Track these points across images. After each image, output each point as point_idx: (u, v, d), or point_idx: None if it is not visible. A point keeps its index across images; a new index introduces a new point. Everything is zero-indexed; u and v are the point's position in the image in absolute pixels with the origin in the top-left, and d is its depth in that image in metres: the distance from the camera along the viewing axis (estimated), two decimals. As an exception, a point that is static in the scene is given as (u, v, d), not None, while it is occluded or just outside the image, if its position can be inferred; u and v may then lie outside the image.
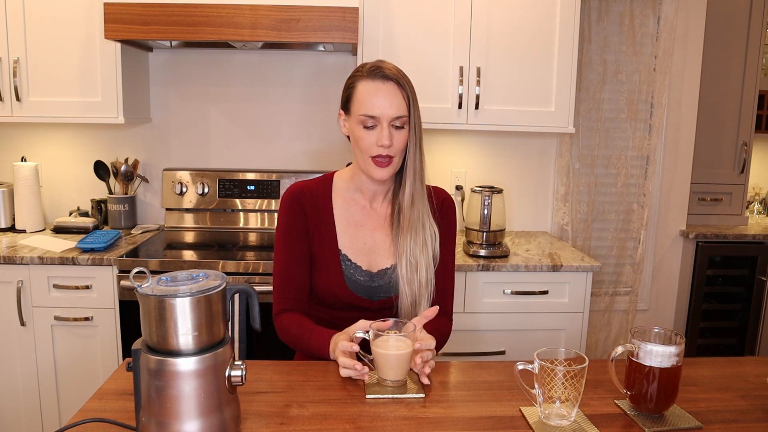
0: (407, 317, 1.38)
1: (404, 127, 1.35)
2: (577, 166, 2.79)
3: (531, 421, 1.09)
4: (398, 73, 1.35)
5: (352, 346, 1.20)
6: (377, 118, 1.33)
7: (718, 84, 2.96)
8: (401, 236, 1.40)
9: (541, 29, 2.34)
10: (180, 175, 2.61)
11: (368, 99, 1.33)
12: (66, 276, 2.13)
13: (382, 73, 1.34)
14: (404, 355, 1.17)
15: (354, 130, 1.37)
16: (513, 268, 2.19)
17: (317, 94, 2.68)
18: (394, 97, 1.33)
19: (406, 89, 1.35)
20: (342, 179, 1.49)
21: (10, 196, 2.50)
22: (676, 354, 1.09)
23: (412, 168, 1.39)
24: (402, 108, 1.34)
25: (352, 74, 1.40)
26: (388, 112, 1.32)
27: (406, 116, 1.34)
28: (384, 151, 1.34)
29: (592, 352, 2.90)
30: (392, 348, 1.17)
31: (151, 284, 0.97)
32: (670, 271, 2.96)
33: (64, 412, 2.20)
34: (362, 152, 1.36)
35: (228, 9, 2.09)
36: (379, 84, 1.33)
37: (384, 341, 1.17)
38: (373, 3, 2.28)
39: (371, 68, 1.36)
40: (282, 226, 1.43)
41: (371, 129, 1.34)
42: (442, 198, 1.50)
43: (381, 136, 1.33)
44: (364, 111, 1.33)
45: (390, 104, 1.32)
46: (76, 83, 2.31)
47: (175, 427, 0.95)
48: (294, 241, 1.42)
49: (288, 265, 1.41)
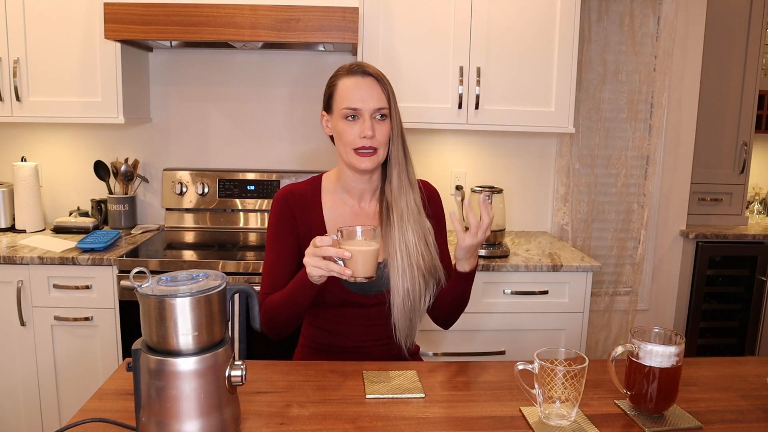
0: (400, 312, 1.39)
1: (386, 119, 1.38)
2: (577, 166, 2.79)
3: (531, 421, 1.09)
4: (377, 71, 1.40)
5: (324, 239, 1.23)
6: (359, 110, 1.36)
7: (718, 84, 2.96)
8: (391, 230, 1.40)
9: (541, 29, 2.34)
10: (180, 175, 2.61)
11: (349, 93, 1.37)
12: (66, 276, 2.13)
13: (362, 69, 1.39)
14: (371, 251, 1.23)
15: (337, 126, 1.40)
16: (513, 268, 2.19)
17: (317, 94, 2.65)
18: (374, 90, 1.37)
19: (386, 86, 1.39)
20: (330, 180, 1.51)
21: (10, 196, 2.50)
22: (676, 354, 1.09)
23: (396, 161, 1.41)
24: (382, 100, 1.37)
25: (332, 75, 1.44)
26: (369, 104, 1.36)
27: (387, 108, 1.38)
28: (367, 143, 1.36)
29: (592, 352, 2.90)
30: (359, 245, 1.23)
31: (151, 284, 0.97)
32: (670, 271, 2.96)
33: (64, 412, 2.20)
34: (345, 146, 1.39)
35: (228, 9, 2.09)
36: (359, 78, 1.38)
37: (352, 240, 1.24)
38: (373, 3, 2.28)
39: (351, 66, 1.41)
40: (272, 227, 1.46)
41: (353, 121, 1.37)
42: (430, 192, 1.53)
43: (363, 127, 1.36)
44: (345, 104, 1.37)
45: (371, 96, 1.36)
46: (76, 83, 2.31)
47: (175, 427, 0.95)
48: (283, 241, 1.44)
49: (276, 264, 1.44)
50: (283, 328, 1.40)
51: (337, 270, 1.21)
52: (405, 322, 1.40)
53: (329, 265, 1.22)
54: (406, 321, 1.40)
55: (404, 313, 1.39)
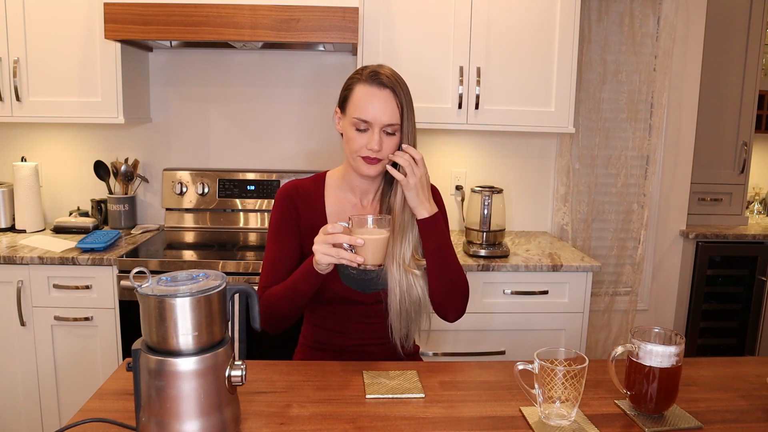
0: (397, 317, 1.39)
1: (395, 134, 1.38)
2: (577, 166, 2.79)
3: (531, 421, 1.09)
4: (395, 81, 1.38)
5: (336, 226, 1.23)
6: (369, 123, 1.36)
7: (718, 84, 2.96)
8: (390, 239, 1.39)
9: (541, 29, 2.34)
10: (180, 175, 2.61)
11: (363, 103, 1.36)
12: (66, 276, 2.13)
13: (379, 79, 1.37)
14: (382, 239, 1.23)
15: (347, 130, 1.40)
16: (513, 268, 2.19)
17: (317, 94, 2.67)
18: (388, 104, 1.36)
19: (401, 97, 1.37)
20: (334, 178, 1.52)
21: (10, 196, 2.50)
22: (676, 354, 1.09)
23: None
24: (395, 116, 1.36)
25: (352, 75, 1.43)
26: (380, 119, 1.35)
27: (398, 124, 1.37)
28: (372, 154, 1.37)
29: (592, 352, 2.90)
30: (370, 233, 1.23)
31: (151, 284, 0.97)
32: (670, 271, 2.96)
33: (64, 412, 2.20)
34: (352, 151, 1.40)
35: (228, 9, 2.09)
36: (375, 90, 1.36)
37: (362, 228, 1.25)
38: (373, 3, 2.28)
39: (370, 73, 1.39)
40: (274, 222, 1.47)
41: (363, 132, 1.37)
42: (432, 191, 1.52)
43: (371, 140, 1.36)
44: (357, 114, 1.36)
45: (383, 111, 1.35)
46: (76, 83, 2.31)
47: (175, 427, 0.95)
48: (285, 237, 1.45)
49: (277, 259, 1.44)
50: (282, 321, 1.40)
51: (347, 257, 1.21)
52: (401, 323, 1.41)
53: (340, 253, 1.22)
54: (402, 321, 1.41)
55: (400, 314, 1.40)
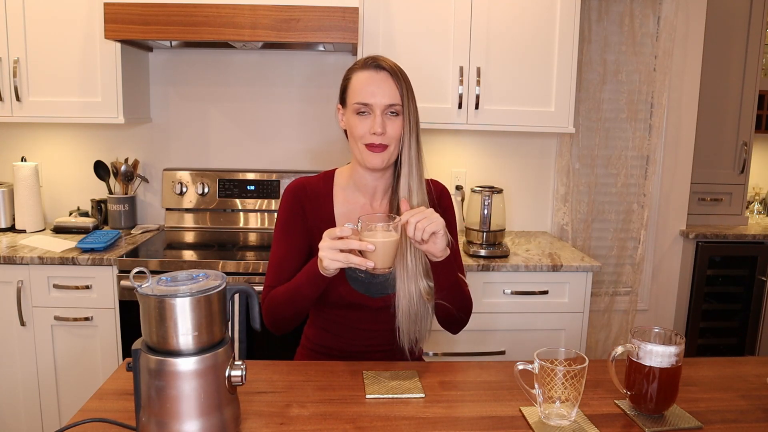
0: (405, 315, 1.37)
1: (398, 115, 1.36)
2: (577, 166, 2.79)
3: (531, 421, 1.09)
4: (393, 65, 1.37)
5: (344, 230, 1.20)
6: (370, 106, 1.34)
7: (718, 84, 2.96)
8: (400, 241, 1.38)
9: (541, 29, 2.34)
10: (180, 175, 2.61)
11: (362, 87, 1.35)
12: (66, 276, 2.13)
13: (376, 63, 1.37)
14: (392, 242, 1.19)
15: (349, 120, 1.39)
16: (513, 268, 2.19)
17: (317, 94, 2.67)
18: (386, 85, 1.35)
19: (400, 80, 1.36)
20: (342, 176, 1.49)
21: (10, 196, 2.50)
22: (676, 354, 1.09)
23: (407, 160, 1.38)
24: (395, 96, 1.35)
25: (349, 68, 1.42)
26: (381, 100, 1.34)
27: (399, 105, 1.35)
28: (377, 140, 1.34)
29: (592, 352, 2.90)
30: (379, 236, 1.19)
31: (151, 284, 0.97)
32: (670, 271, 2.96)
33: (64, 412, 2.20)
34: (356, 140, 1.37)
35: (228, 9, 2.09)
36: (372, 73, 1.36)
37: (372, 231, 1.20)
38: (373, 3, 2.27)
39: (366, 60, 1.39)
40: (281, 220, 1.45)
41: (365, 116, 1.35)
42: (439, 189, 1.51)
43: (374, 123, 1.33)
44: (357, 99, 1.35)
45: (383, 92, 1.34)
46: (76, 83, 2.31)
47: (175, 427, 0.95)
48: (291, 236, 1.43)
49: (283, 258, 1.42)
50: (285, 323, 1.38)
51: (357, 262, 1.17)
52: (410, 326, 1.37)
53: (349, 257, 1.18)
54: (410, 324, 1.37)
55: (409, 317, 1.36)
